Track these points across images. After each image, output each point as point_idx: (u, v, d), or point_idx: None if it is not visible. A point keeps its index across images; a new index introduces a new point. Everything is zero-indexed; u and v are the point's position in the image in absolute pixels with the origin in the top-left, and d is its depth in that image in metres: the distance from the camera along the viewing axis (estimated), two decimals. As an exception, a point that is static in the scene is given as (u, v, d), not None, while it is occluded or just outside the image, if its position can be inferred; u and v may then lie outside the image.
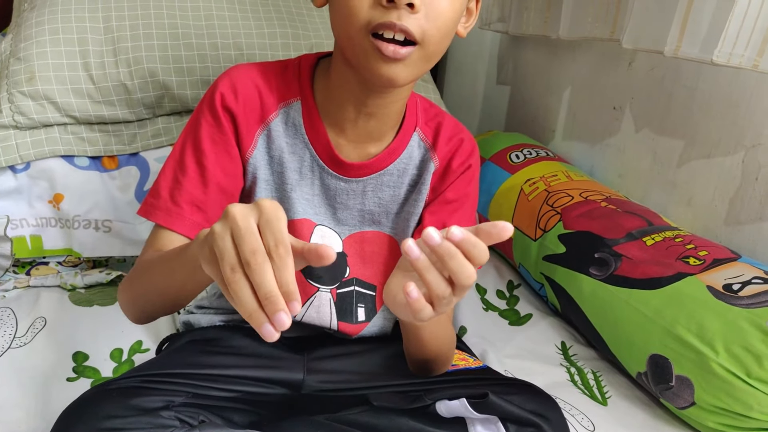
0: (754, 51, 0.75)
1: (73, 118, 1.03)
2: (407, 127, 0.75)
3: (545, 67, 1.45)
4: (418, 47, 0.60)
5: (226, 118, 0.69)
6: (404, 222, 0.78)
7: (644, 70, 1.16)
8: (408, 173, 0.76)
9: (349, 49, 0.62)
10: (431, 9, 0.60)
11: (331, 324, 0.76)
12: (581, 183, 1.14)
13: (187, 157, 0.69)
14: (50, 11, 1.05)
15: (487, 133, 1.45)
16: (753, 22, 0.75)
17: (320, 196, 0.74)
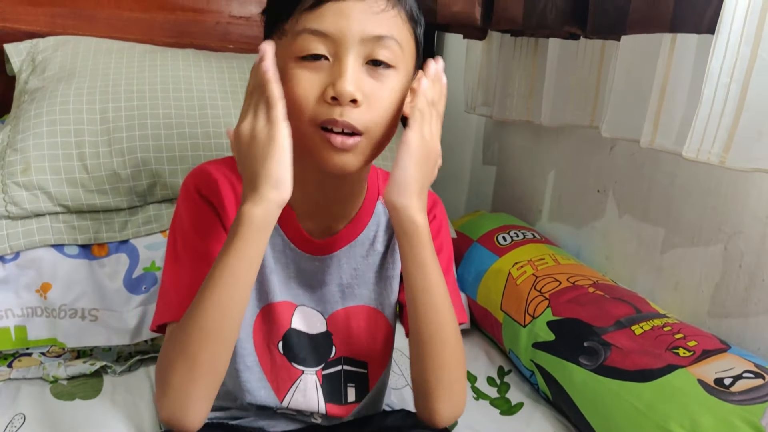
0: (720, 147, 0.78)
1: (65, 207, 1.04)
2: (370, 198, 0.78)
3: (530, 149, 1.48)
4: (365, 137, 0.64)
5: (207, 205, 0.71)
6: (385, 289, 0.79)
7: (625, 156, 1.19)
8: (378, 239, 0.79)
9: (302, 141, 0.65)
10: (373, 101, 0.64)
11: (319, 407, 0.76)
12: (568, 267, 1.15)
13: (179, 251, 0.70)
14: (49, 103, 1.08)
15: (474, 213, 1.47)
16: (718, 119, 0.78)
17: (297, 278, 0.76)
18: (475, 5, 1.06)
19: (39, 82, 1.15)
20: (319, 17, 0.62)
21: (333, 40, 0.62)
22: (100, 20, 1.33)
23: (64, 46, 1.22)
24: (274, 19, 0.68)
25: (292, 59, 0.64)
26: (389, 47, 0.64)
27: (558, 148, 1.38)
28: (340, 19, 0.62)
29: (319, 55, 0.63)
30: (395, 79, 0.66)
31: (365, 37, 0.63)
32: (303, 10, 0.63)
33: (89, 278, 1.05)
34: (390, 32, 0.64)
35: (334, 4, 0.62)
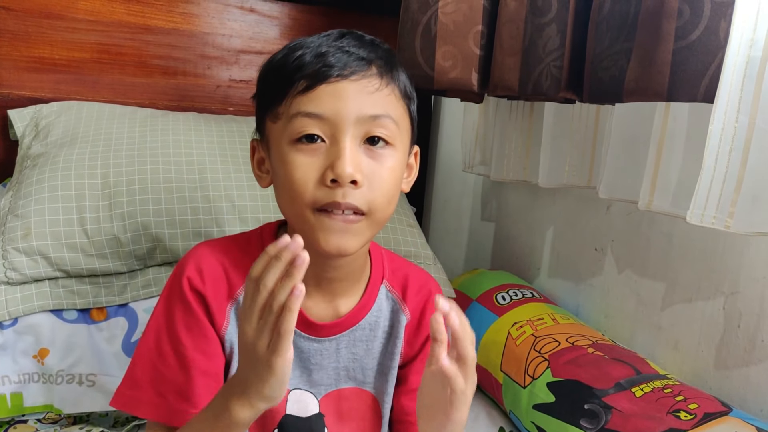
0: (724, 213, 0.79)
1: (65, 272, 1.04)
2: (375, 281, 0.77)
3: (527, 207, 1.50)
4: (366, 217, 0.65)
5: (197, 301, 0.70)
6: (382, 377, 0.78)
7: (622, 215, 1.20)
8: (380, 326, 0.77)
9: (298, 225, 0.65)
10: (374, 180, 0.64)
11: None
12: (568, 327, 1.15)
13: (163, 345, 0.69)
14: (51, 169, 1.10)
15: (473, 271, 1.48)
16: (720, 186, 0.79)
17: (294, 360, 0.73)
18: (471, 72, 1.09)
19: (42, 147, 1.17)
20: (313, 100, 0.63)
21: (329, 122, 0.63)
22: (103, 85, 1.37)
23: (67, 112, 1.24)
24: (266, 103, 0.68)
25: (287, 142, 0.65)
26: (386, 126, 0.65)
27: (555, 206, 1.40)
28: (335, 101, 0.63)
29: (315, 137, 0.63)
30: (393, 157, 0.66)
31: (361, 117, 0.63)
32: (296, 93, 0.64)
33: (87, 343, 1.04)
34: (386, 111, 0.65)
35: (328, 86, 0.63)
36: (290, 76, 0.64)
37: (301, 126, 0.63)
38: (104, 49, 1.36)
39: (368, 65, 0.65)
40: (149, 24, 1.39)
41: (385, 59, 0.68)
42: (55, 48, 1.33)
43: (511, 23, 1.04)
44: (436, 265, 1.28)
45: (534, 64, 1.00)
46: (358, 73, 0.64)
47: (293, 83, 0.64)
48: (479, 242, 1.70)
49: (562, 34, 0.98)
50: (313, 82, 0.63)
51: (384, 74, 0.66)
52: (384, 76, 0.66)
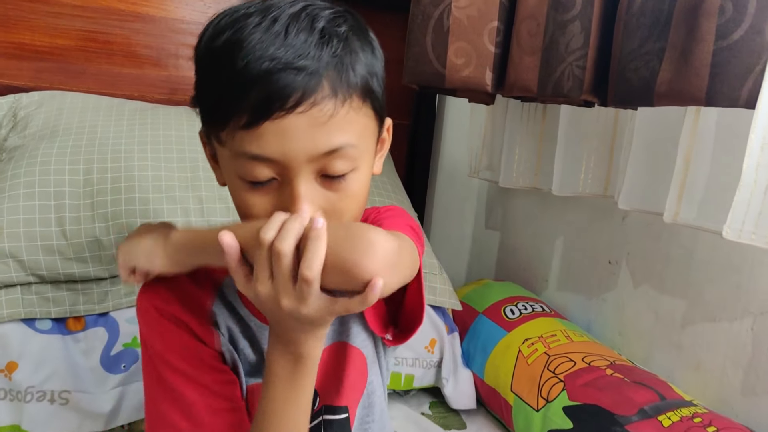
0: (765, 229, 0.72)
1: (39, 277, 0.95)
2: None
3: (536, 215, 1.43)
4: None
5: (177, 326, 0.64)
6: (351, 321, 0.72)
7: (639, 226, 1.13)
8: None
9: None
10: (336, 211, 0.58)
11: None
12: (582, 345, 1.08)
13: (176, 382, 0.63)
14: (28, 163, 1.01)
15: (479, 282, 1.40)
16: (762, 198, 0.73)
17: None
18: (485, 71, 1.01)
19: (19, 139, 1.08)
20: (257, 139, 0.54)
21: (278, 163, 0.55)
22: (89, 75, 1.28)
23: (49, 102, 1.16)
24: (206, 119, 0.59)
25: (236, 177, 0.58)
26: (344, 156, 0.56)
27: (566, 215, 1.33)
28: (282, 141, 0.54)
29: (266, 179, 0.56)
30: (357, 178, 0.59)
31: (314, 155, 0.55)
32: (238, 128, 0.54)
33: (62, 356, 0.96)
34: (343, 140, 0.56)
35: (272, 124, 0.53)
36: (230, 101, 0.54)
37: (249, 169, 0.56)
38: (91, 37, 1.27)
39: (318, 83, 0.54)
40: (140, 11, 1.30)
41: (341, 57, 0.56)
42: (36, 33, 1.24)
43: (531, 19, 0.96)
44: (442, 275, 1.21)
45: (555, 63, 0.93)
46: (306, 101, 0.54)
47: (234, 113, 0.54)
48: (483, 251, 1.63)
49: (586, 32, 0.91)
50: (255, 117, 0.53)
51: (338, 88, 0.55)
52: (338, 91, 0.55)
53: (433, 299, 1.17)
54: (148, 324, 0.65)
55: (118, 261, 0.66)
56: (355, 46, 0.58)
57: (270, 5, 0.56)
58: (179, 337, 0.64)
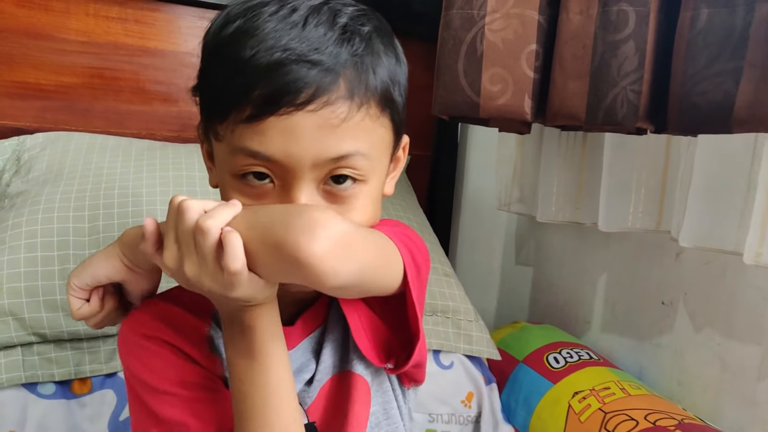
0: None
1: (41, 336, 0.86)
2: None
3: (573, 250, 1.33)
4: None
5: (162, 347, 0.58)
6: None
7: (697, 264, 1.03)
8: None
9: None
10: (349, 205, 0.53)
11: None
12: (642, 399, 0.97)
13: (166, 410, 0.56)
14: (30, 210, 0.93)
15: (514, 325, 1.30)
16: None
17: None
18: (524, 98, 0.93)
19: (22, 184, 1.01)
20: (259, 135, 0.49)
21: (279, 164, 0.50)
22: (95, 114, 1.21)
23: (53, 144, 1.08)
24: (206, 113, 0.55)
25: (230, 173, 0.52)
26: (354, 164, 0.52)
27: (609, 250, 1.22)
28: (287, 140, 0.49)
29: (263, 176, 0.51)
30: (365, 193, 0.54)
31: (320, 161, 0.50)
32: (240, 121, 0.50)
33: (66, 422, 0.87)
34: (354, 148, 0.51)
35: (278, 120, 0.48)
36: (233, 92, 0.50)
37: (245, 163, 0.51)
38: (97, 74, 1.21)
39: (334, 81, 0.50)
40: (148, 45, 1.24)
41: (361, 57, 0.52)
42: (41, 72, 1.17)
43: (576, 41, 0.88)
44: (478, 322, 1.11)
45: (606, 88, 0.84)
46: (318, 99, 0.49)
47: (236, 104, 0.50)
48: (514, 289, 1.52)
49: (641, 53, 0.82)
50: (260, 110, 0.49)
51: (356, 91, 0.51)
52: (355, 94, 0.51)
53: (469, 348, 1.07)
54: (130, 352, 0.59)
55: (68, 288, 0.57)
56: (378, 49, 0.53)
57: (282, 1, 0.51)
58: (166, 358, 0.58)
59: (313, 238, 0.43)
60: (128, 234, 0.56)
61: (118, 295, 0.60)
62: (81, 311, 0.57)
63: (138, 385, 0.58)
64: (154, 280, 0.60)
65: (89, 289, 0.57)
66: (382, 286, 0.54)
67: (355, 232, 0.47)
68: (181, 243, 0.47)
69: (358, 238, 0.47)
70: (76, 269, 0.57)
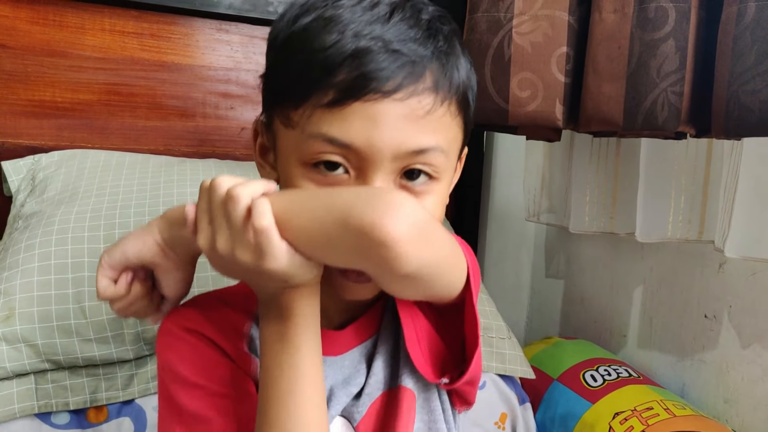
0: None
1: (55, 363, 0.83)
2: None
3: (606, 261, 1.27)
4: None
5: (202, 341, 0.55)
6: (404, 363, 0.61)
7: (742, 275, 0.97)
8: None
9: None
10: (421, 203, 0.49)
11: None
12: (688, 420, 0.91)
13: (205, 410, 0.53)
14: (44, 232, 0.90)
15: (546, 341, 1.24)
16: None
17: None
18: (555, 104, 0.88)
19: (37, 204, 0.98)
20: (340, 121, 0.47)
21: (358, 153, 0.48)
22: (112, 131, 1.18)
23: (69, 162, 1.05)
24: (276, 94, 0.52)
25: (299, 161, 0.50)
26: (432, 160, 0.50)
27: (645, 261, 1.17)
28: (370, 128, 0.47)
29: (337, 165, 0.49)
30: (435, 193, 0.53)
31: (401, 152, 0.48)
32: (320, 105, 0.48)
33: (82, 452, 0.83)
34: (435, 142, 0.50)
35: (363, 105, 0.47)
36: (314, 76, 0.48)
37: (320, 150, 0.49)
38: (114, 90, 1.18)
39: (421, 73, 0.49)
40: (165, 60, 1.21)
41: (445, 54, 0.51)
42: (57, 89, 1.15)
43: (610, 41, 0.83)
44: (511, 339, 1.05)
45: (645, 91, 0.79)
46: (405, 89, 0.48)
47: (317, 88, 0.48)
48: (544, 302, 1.46)
49: (681, 52, 0.77)
50: (344, 95, 0.47)
51: (440, 85, 0.50)
52: (440, 88, 0.50)
53: (502, 368, 1.02)
54: (167, 343, 0.56)
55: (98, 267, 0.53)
56: (458, 50, 0.53)
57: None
58: (202, 351, 0.56)
59: (394, 218, 0.41)
60: (170, 212, 0.54)
61: (148, 282, 0.56)
62: (106, 291, 0.54)
63: (169, 378, 0.55)
64: (186, 274, 0.56)
65: (119, 270, 0.54)
66: (447, 286, 0.51)
67: (434, 221, 0.45)
68: (214, 217, 0.46)
69: (436, 227, 0.45)
70: (109, 247, 0.54)
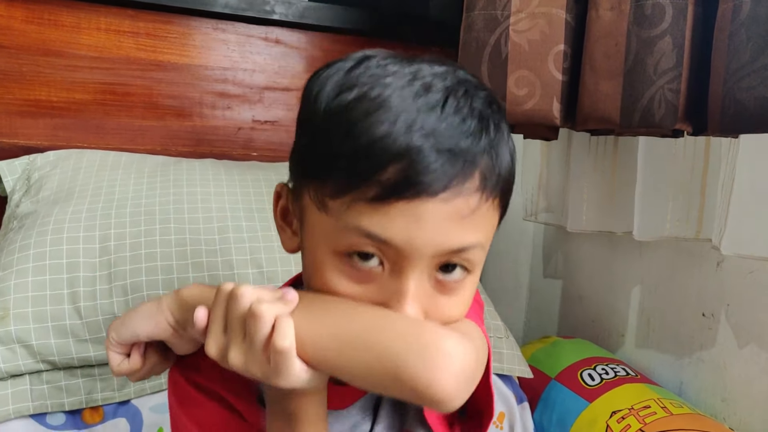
0: None
1: (50, 364, 0.83)
2: None
3: (604, 260, 1.27)
4: None
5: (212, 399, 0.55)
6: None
7: (740, 273, 0.97)
8: None
9: None
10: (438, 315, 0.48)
11: None
12: (685, 419, 0.90)
13: None
14: (39, 232, 0.90)
15: (545, 339, 1.24)
16: None
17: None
18: (552, 102, 0.88)
19: (32, 205, 0.97)
20: (382, 217, 0.44)
21: (396, 250, 0.45)
22: (108, 131, 1.18)
23: (64, 162, 1.05)
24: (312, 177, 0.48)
25: (330, 250, 0.47)
26: (471, 257, 0.47)
27: (642, 260, 1.16)
28: (411, 227, 0.44)
29: (370, 256, 0.46)
30: (469, 286, 0.50)
31: (441, 251, 0.46)
32: (360, 199, 0.44)
33: (77, 454, 0.82)
34: (476, 239, 0.47)
35: (406, 205, 0.44)
36: (360, 170, 0.44)
37: (357, 243, 0.46)
38: (109, 89, 1.18)
39: (471, 172, 0.45)
40: (161, 59, 1.21)
41: (496, 146, 0.47)
42: (53, 89, 1.15)
43: (607, 39, 0.83)
44: (508, 339, 1.05)
45: (642, 88, 0.79)
46: (453, 189, 0.44)
47: (359, 182, 0.44)
48: (542, 303, 1.46)
49: (678, 49, 0.77)
50: (389, 193, 0.44)
51: (489, 181, 0.46)
52: (488, 184, 0.46)
53: (500, 367, 1.02)
54: (179, 400, 0.55)
55: (107, 343, 0.53)
56: (505, 138, 0.49)
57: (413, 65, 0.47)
58: (215, 413, 0.55)
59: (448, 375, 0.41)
60: (183, 293, 0.52)
61: (161, 347, 0.55)
62: (121, 368, 0.54)
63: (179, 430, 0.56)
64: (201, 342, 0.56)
65: (129, 346, 0.53)
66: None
67: (476, 358, 0.45)
68: (230, 329, 0.45)
69: (477, 364, 0.45)
70: (116, 322, 0.53)
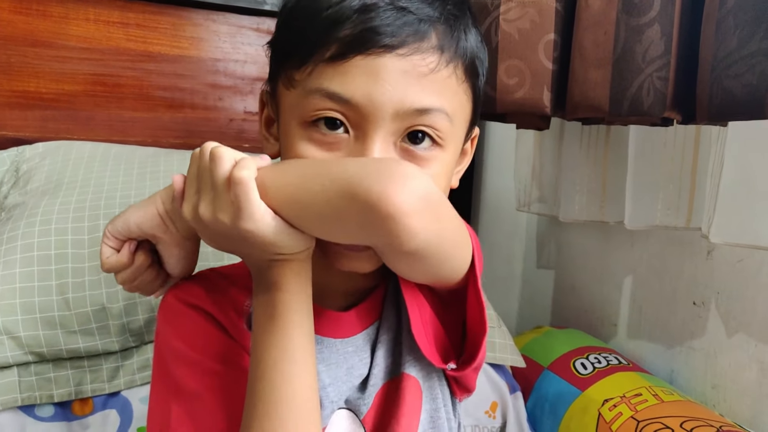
0: None
1: (38, 355, 0.82)
2: None
3: (596, 250, 1.27)
4: None
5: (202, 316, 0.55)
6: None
7: (730, 262, 0.97)
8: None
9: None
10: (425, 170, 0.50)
11: None
12: (676, 406, 0.91)
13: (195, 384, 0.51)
14: (27, 223, 0.89)
15: (538, 330, 1.24)
16: None
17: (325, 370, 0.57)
18: (543, 91, 0.88)
19: (20, 196, 0.97)
20: (341, 75, 0.47)
21: (358, 109, 0.47)
22: (98, 122, 1.17)
23: (53, 153, 1.05)
24: (282, 56, 0.52)
25: (298, 122, 0.49)
26: (435, 123, 0.49)
27: (634, 250, 1.16)
28: (370, 83, 0.46)
29: (337, 122, 0.47)
30: (440, 160, 0.50)
31: (403, 110, 0.47)
32: (322, 60, 0.47)
33: (67, 445, 0.82)
34: (438, 103, 0.49)
35: (365, 60, 0.46)
36: (319, 32, 0.48)
37: (320, 106, 0.48)
38: (99, 81, 1.17)
39: (426, 32, 0.48)
40: (151, 50, 1.20)
41: (454, 17, 0.50)
42: (41, 80, 1.14)
43: (597, 27, 0.82)
44: (501, 328, 1.05)
45: (630, 76, 0.79)
46: (409, 44, 0.47)
47: (321, 44, 0.47)
48: (535, 293, 1.46)
49: (667, 37, 0.77)
50: (346, 49, 0.47)
51: (446, 46, 0.49)
52: (446, 48, 0.49)
53: (492, 356, 1.02)
54: (166, 317, 0.56)
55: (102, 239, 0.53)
56: (467, 18, 0.52)
57: None
58: (201, 326, 0.55)
59: (403, 189, 0.39)
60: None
61: (152, 255, 0.56)
62: (109, 260, 0.54)
63: (168, 354, 0.54)
64: (187, 251, 0.56)
65: (122, 239, 0.53)
66: (453, 267, 0.51)
67: (442, 195, 0.44)
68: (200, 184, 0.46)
69: (444, 201, 0.45)
70: (114, 216, 0.54)
